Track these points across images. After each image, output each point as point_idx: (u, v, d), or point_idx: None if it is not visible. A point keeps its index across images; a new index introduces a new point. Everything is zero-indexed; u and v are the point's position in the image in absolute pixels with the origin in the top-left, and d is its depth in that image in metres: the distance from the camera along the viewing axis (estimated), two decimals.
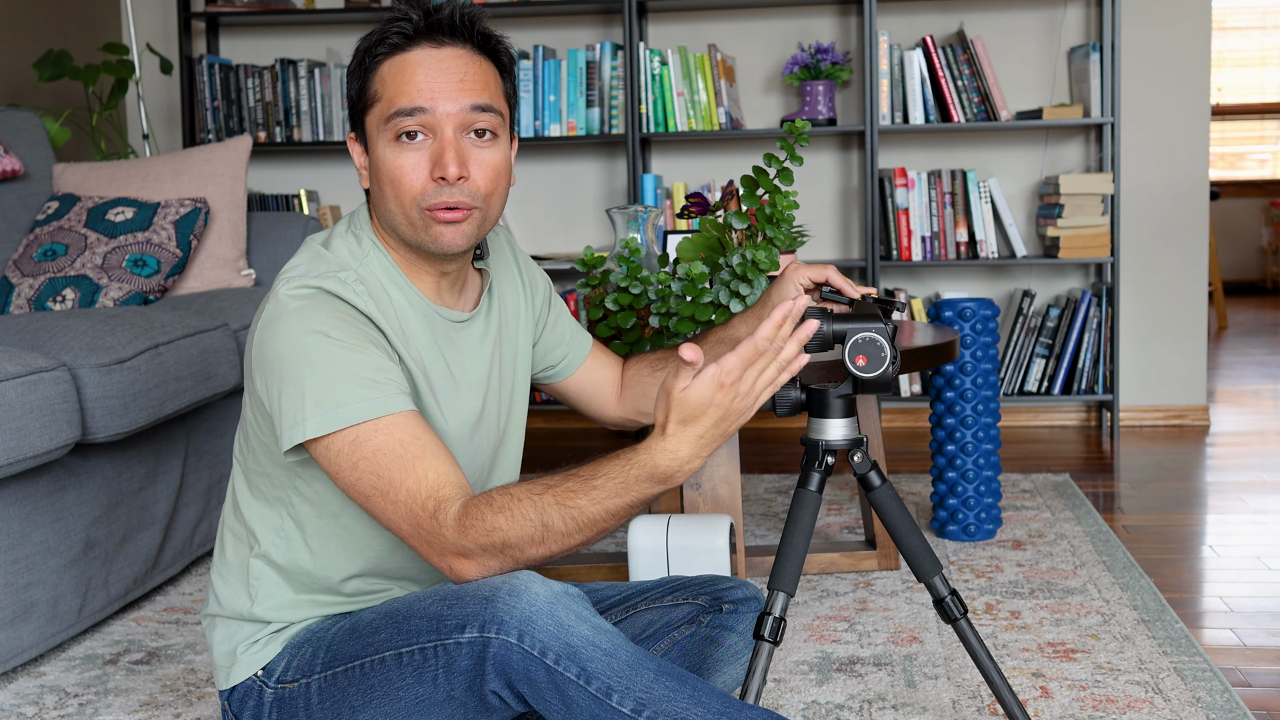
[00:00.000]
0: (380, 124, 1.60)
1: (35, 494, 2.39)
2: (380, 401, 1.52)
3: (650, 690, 1.48)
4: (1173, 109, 4.48)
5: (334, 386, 1.51)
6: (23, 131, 3.45)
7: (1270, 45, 9.49)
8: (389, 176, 1.60)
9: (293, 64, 4.59)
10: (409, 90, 1.58)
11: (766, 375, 1.49)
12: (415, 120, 1.59)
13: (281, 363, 1.54)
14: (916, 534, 1.79)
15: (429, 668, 1.55)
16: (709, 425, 1.47)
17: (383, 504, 1.52)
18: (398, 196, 1.60)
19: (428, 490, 1.50)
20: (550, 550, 1.52)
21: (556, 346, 1.92)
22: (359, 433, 1.51)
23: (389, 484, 1.51)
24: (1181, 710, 2.08)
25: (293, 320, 1.55)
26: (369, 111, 1.62)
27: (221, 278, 3.39)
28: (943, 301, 3.11)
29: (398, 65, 1.60)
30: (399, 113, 1.58)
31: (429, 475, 1.51)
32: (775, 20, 4.60)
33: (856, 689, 2.21)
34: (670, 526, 2.32)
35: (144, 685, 2.32)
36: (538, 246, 4.73)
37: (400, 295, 1.65)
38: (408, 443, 1.52)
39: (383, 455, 1.51)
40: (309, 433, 1.52)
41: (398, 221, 1.62)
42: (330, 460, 1.53)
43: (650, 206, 2.69)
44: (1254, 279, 9.68)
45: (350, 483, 1.53)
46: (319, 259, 1.63)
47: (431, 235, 1.61)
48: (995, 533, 3.12)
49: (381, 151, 1.61)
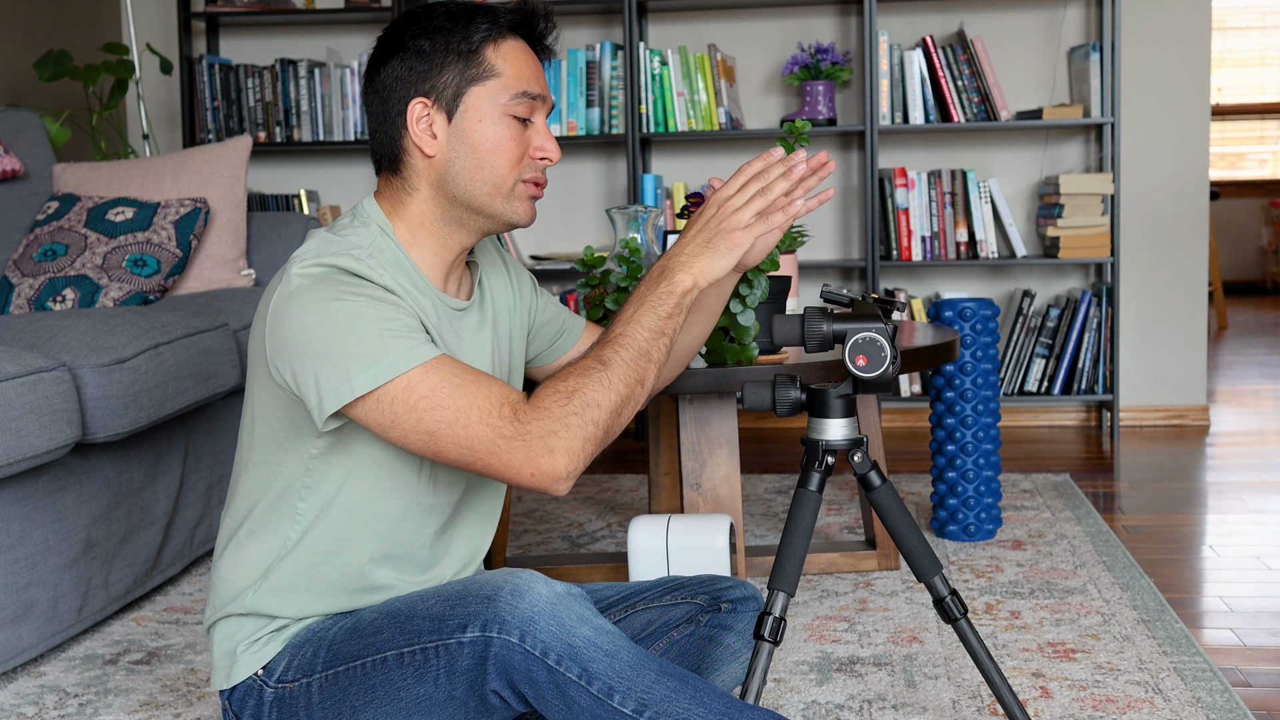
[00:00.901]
0: (497, 97, 1.67)
1: (35, 494, 2.39)
2: (419, 349, 1.55)
3: (652, 691, 1.49)
4: (1173, 109, 4.48)
5: (372, 343, 1.53)
6: (23, 131, 3.45)
7: (1270, 45, 9.49)
8: (495, 145, 1.67)
9: (293, 64, 4.59)
10: (530, 76, 1.68)
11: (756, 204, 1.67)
12: (534, 105, 1.69)
13: (308, 334, 1.55)
14: (916, 534, 1.79)
15: (430, 667, 1.55)
16: (702, 226, 1.67)
17: (453, 433, 1.53)
18: (497, 165, 1.67)
19: (499, 399, 1.54)
20: (619, 393, 1.57)
21: (549, 324, 1.95)
22: (409, 379, 1.53)
23: (457, 411, 1.53)
24: (1181, 710, 2.08)
25: (310, 294, 1.56)
26: (480, 82, 1.66)
27: (221, 278, 3.39)
28: (943, 301, 3.11)
29: (515, 48, 1.69)
30: (527, 94, 1.67)
31: (494, 390, 1.55)
32: (775, 20, 4.60)
33: (856, 689, 2.21)
34: (670, 526, 2.32)
35: (144, 685, 2.32)
36: (538, 246, 4.73)
37: (407, 280, 1.66)
38: (460, 372, 1.55)
39: (443, 389, 1.53)
40: (357, 390, 1.52)
41: (484, 191, 1.68)
42: (384, 412, 1.54)
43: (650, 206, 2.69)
44: (1254, 279, 9.68)
45: (410, 426, 1.54)
46: (328, 242, 1.64)
47: (518, 208, 1.70)
48: (995, 533, 3.12)
49: (491, 122, 1.67)
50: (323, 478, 1.65)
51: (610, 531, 3.32)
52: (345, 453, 1.64)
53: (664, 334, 1.61)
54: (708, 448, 2.55)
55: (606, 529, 3.35)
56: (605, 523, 3.40)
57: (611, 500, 3.64)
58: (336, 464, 1.65)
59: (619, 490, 3.75)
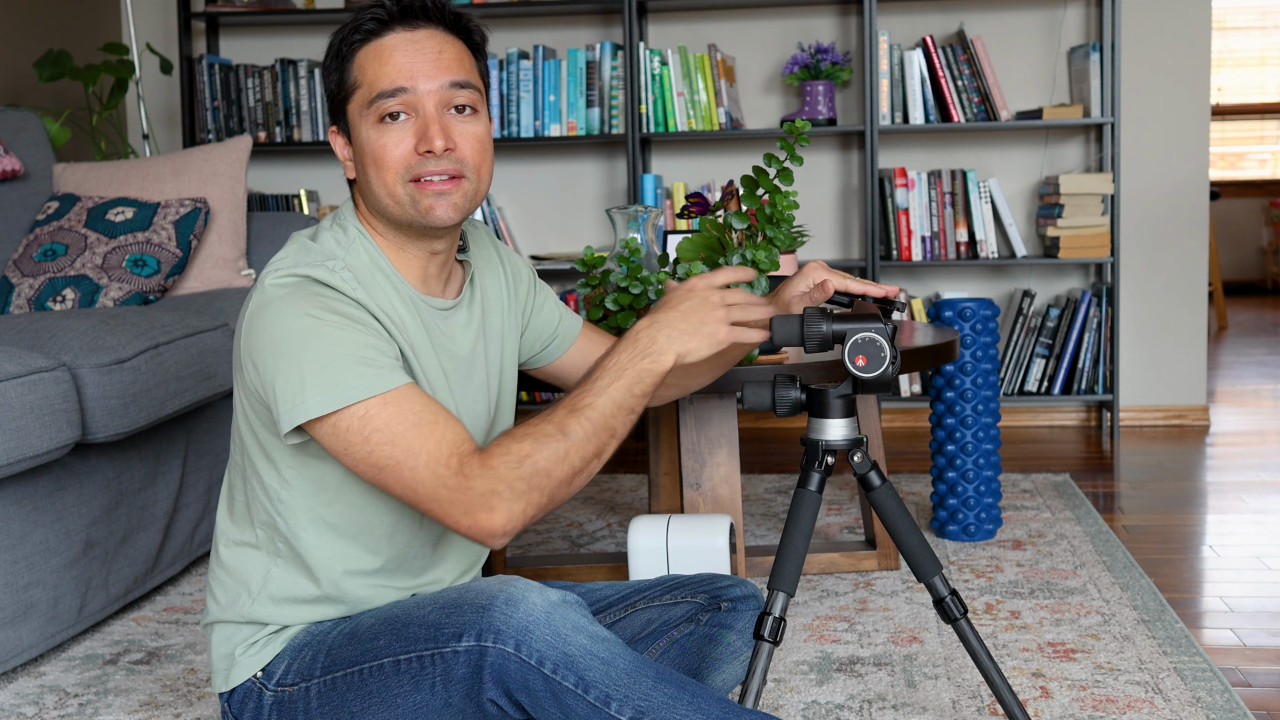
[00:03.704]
0: (363, 109, 1.63)
1: (35, 494, 2.39)
2: (381, 378, 1.53)
3: (649, 698, 1.49)
4: (1173, 109, 4.48)
5: (332, 365, 1.52)
6: (23, 131, 3.45)
7: (1270, 45, 9.49)
8: (374, 157, 1.63)
9: (293, 64, 4.59)
10: (388, 73, 1.62)
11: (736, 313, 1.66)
12: (398, 101, 1.62)
13: (275, 347, 1.54)
14: (916, 534, 1.79)
15: (426, 675, 1.54)
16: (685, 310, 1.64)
17: (399, 472, 1.52)
18: (382, 175, 1.63)
19: (449, 448, 1.51)
20: (574, 465, 1.53)
21: (545, 328, 1.93)
22: (366, 408, 1.51)
23: (407, 451, 1.51)
24: (1181, 710, 2.08)
25: (281, 306, 1.55)
26: (350, 100, 1.65)
27: (221, 278, 3.39)
28: (943, 301, 3.11)
29: (374, 51, 1.64)
30: (381, 95, 1.62)
31: (448, 435, 1.52)
32: (775, 20, 4.60)
33: (856, 689, 2.21)
34: (670, 526, 2.32)
35: (144, 685, 2.32)
36: (538, 246, 4.73)
37: (387, 283, 1.66)
38: (420, 409, 1.53)
39: (398, 424, 1.51)
40: (310, 412, 1.51)
41: (386, 203, 1.64)
42: (339, 438, 1.53)
43: (650, 206, 2.69)
44: (1254, 279, 9.68)
45: (362, 457, 1.53)
46: (305, 251, 1.64)
47: (421, 209, 1.63)
48: (995, 533, 3.12)
49: (366, 135, 1.63)
50: (299, 492, 1.64)
51: (610, 531, 3.32)
52: (324, 464, 1.63)
53: (633, 410, 1.59)
54: (708, 448, 2.55)
55: (606, 529, 3.34)
56: (605, 523, 3.40)
57: (611, 500, 3.64)
58: (312, 477, 1.64)
59: (619, 490, 3.75)
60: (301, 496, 1.65)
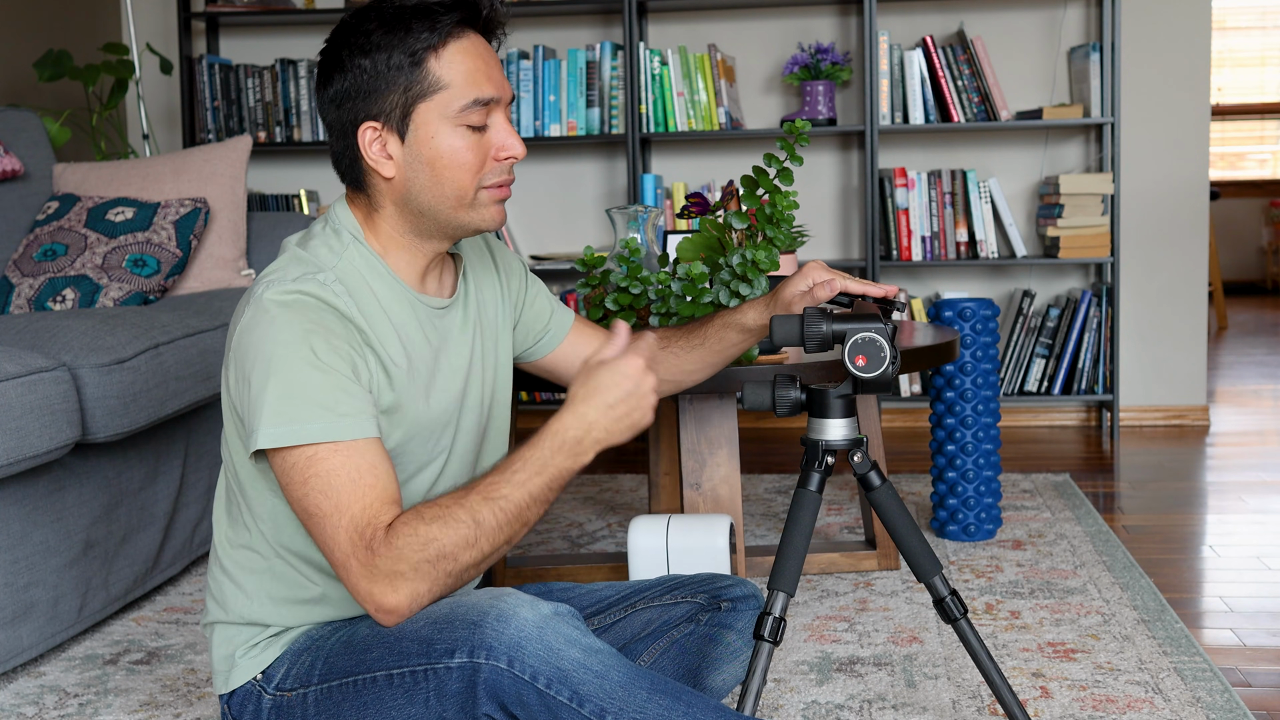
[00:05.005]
0: (447, 110, 1.61)
1: (35, 494, 2.39)
2: (337, 425, 1.52)
3: (644, 710, 1.48)
4: (1173, 109, 4.48)
5: (293, 402, 1.51)
6: (23, 131, 3.45)
7: (1270, 45, 9.49)
8: (453, 160, 1.62)
9: (293, 64, 4.59)
10: (478, 80, 1.62)
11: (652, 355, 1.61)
12: (489, 110, 1.63)
13: (255, 369, 1.55)
14: (916, 534, 1.79)
15: (420, 690, 1.54)
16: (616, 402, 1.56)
17: (324, 525, 1.52)
18: (457, 179, 1.63)
19: (370, 518, 1.51)
20: (483, 551, 1.52)
21: (538, 321, 1.93)
22: (315, 451, 1.51)
23: (335, 506, 1.51)
24: (1181, 710, 2.08)
25: (270, 329, 1.55)
26: (426, 99, 1.61)
27: (221, 278, 3.39)
28: (943, 301, 3.11)
29: (460, 50, 1.62)
30: (477, 102, 1.62)
31: (375, 504, 1.52)
32: (775, 20, 4.60)
33: (856, 689, 2.21)
34: (670, 526, 2.32)
35: (144, 685, 2.32)
36: (538, 246, 4.73)
37: (383, 286, 1.65)
38: (364, 469, 1.52)
39: (338, 477, 1.51)
40: (259, 441, 1.52)
41: (448, 205, 1.64)
42: (284, 472, 1.54)
43: (650, 206, 2.69)
44: (1254, 279, 9.68)
45: (298, 497, 1.53)
46: (297, 261, 1.63)
47: (486, 215, 1.66)
48: (995, 533, 3.12)
49: (444, 138, 1.62)
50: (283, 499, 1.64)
51: (610, 531, 3.32)
52: None
53: (548, 502, 1.56)
54: (708, 448, 2.55)
55: (606, 529, 3.34)
56: (605, 523, 3.40)
57: (611, 500, 3.64)
58: None
59: (619, 490, 3.75)
60: (275, 507, 1.65)
